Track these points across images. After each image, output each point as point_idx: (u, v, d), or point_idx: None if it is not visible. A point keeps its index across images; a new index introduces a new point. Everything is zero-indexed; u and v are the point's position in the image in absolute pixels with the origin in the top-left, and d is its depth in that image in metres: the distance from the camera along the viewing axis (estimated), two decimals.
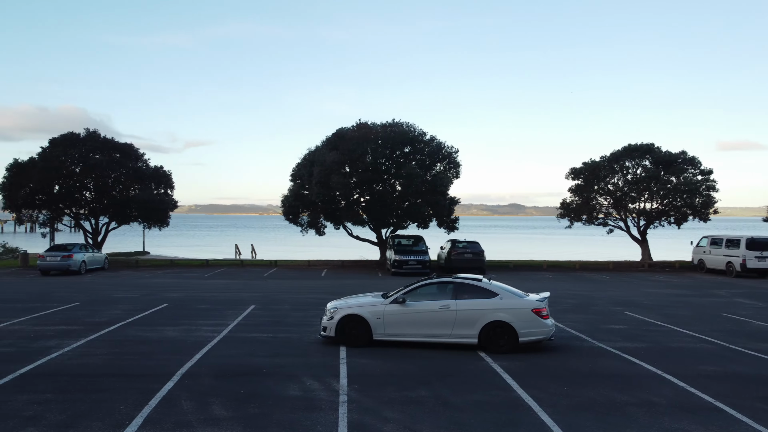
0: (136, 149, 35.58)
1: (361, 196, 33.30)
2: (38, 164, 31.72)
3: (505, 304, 11.68)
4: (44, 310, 16.40)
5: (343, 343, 11.99)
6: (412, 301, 12.03)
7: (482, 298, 11.80)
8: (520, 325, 11.48)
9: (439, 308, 11.82)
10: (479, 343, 11.59)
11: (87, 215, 34.89)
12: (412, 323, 11.90)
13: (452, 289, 12.10)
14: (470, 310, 11.69)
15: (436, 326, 11.80)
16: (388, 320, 11.95)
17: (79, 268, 28.25)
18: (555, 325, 12.24)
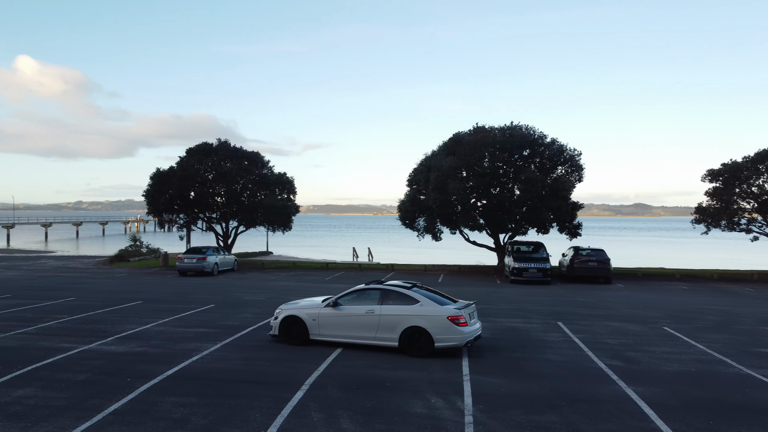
0: (261, 157, 37.60)
1: (478, 200, 32.86)
2: (177, 173, 34.49)
3: (423, 311, 12.26)
4: (184, 312, 17.68)
5: (285, 341, 13.23)
6: (344, 305, 13.02)
7: (404, 305, 12.47)
8: (435, 331, 12.05)
9: (365, 312, 12.67)
10: (399, 347, 12.29)
11: (218, 219, 37.36)
12: (342, 325, 12.85)
13: (379, 295, 12.84)
14: (392, 315, 12.43)
15: (362, 329, 12.66)
16: (322, 322, 13.02)
17: (212, 269, 30.33)
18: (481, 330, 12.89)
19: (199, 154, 35.95)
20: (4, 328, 14.71)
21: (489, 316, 17.51)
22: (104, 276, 30.02)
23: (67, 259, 44.13)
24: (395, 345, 12.37)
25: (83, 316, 16.72)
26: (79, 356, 11.82)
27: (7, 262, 39.69)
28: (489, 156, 30.90)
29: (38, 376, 10.32)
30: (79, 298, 20.64)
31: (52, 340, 13.33)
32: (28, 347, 12.60)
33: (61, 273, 31.55)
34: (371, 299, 12.93)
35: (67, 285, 25.20)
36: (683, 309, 20.09)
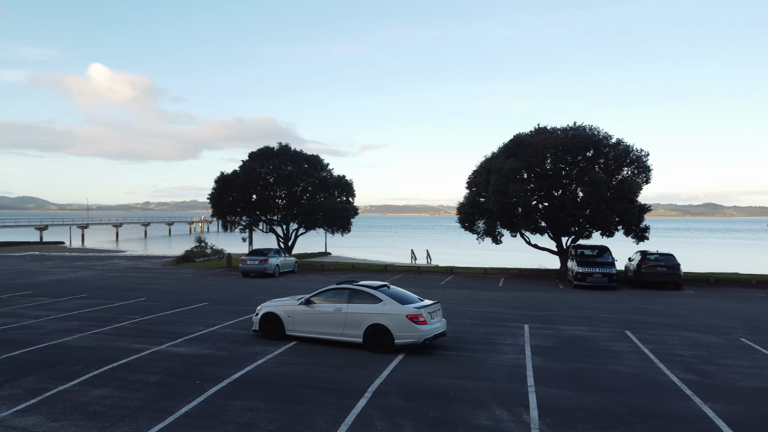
0: (321, 160, 38.13)
1: (539, 203, 32.20)
2: (240, 176, 35.44)
3: (385, 309, 12.99)
4: (248, 314, 18.06)
5: (264, 336, 14.33)
6: (316, 303, 13.94)
7: (369, 303, 13.26)
8: (395, 328, 12.78)
9: (333, 310, 13.56)
10: (363, 343, 13.09)
11: (279, 221, 38.13)
12: (314, 322, 13.77)
13: (348, 294, 13.66)
14: (357, 314, 13.25)
15: (331, 326, 13.54)
16: (296, 319, 13.98)
17: (274, 271, 30.96)
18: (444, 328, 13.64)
19: (261, 158, 36.82)
20: (82, 328, 15.46)
21: (552, 324, 17.11)
22: (172, 277, 31.11)
23: (136, 259, 46.04)
24: (360, 341, 13.18)
25: (154, 317, 17.36)
26: (151, 357, 12.27)
27: (83, 262, 41.75)
28: (551, 157, 30.21)
29: (114, 377, 10.78)
30: (149, 299, 21.46)
31: (126, 341, 13.90)
32: (104, 347, 13.18)
33: (132, 273, 32.91)
34: (340, 298, 13.75)
35: (137, 285, 26.25)
36: (762, 319, 19.03)
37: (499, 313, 19.08)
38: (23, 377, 10.73)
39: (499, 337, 15.01)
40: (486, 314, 18.89)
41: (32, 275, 30.89)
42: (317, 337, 13.75)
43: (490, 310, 19.81)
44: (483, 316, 18.38)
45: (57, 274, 31.89)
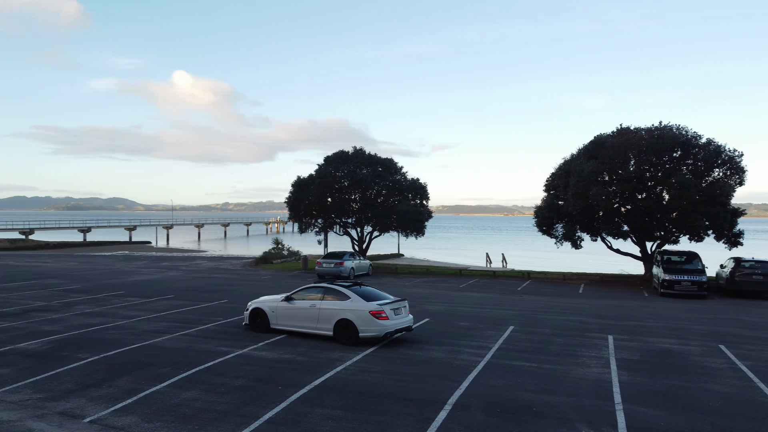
0: (395, 163, 38.27)
1: (621, 206, 30.92)
2: (315, 180, 36.13)
3: (352, 305, 14.44)
4: None
5: (253, 329, 16.04)
6: (295, 300, 15.51)
7: (338, 300, 14.79)
8: (359, 323, 14.18)
9: (309, 306, 15.11)
10: (333, 335, 14.58)
11: (353, 224, 38.56)
12: (293, 317, 15.38)
13: (322, 292, 15.27)
14: (328, 309, 14.77)
15: (307, 320, 15.11)
16: (279, 313, 15.65)
17: (349, 274, 31.33)
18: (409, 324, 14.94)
19: (336, 162, 37.41)
20: (171, 329, 16.17)
21: (638, 335, 16.35)
22: (251, 278, 32.07)
23: (218, 260, 47.84)
24: (330, 334, 14.70)
25: (236, 319, 17.91)
26: (236, 361, 12.65)
27: (169, 263, 43.80)
28: (635, 159, 28.94)
29: (201, 380, 11.18)
30: (230, 301, 22.19)
31: (211, 343, 14.41)
32: (191, 349, 13.72)
33: (214, 274, 34.17)
34: (315, 295, 15.35)
35: (219, 287, 27.22)
36: None
37: (581, 323, 18.44)
38: (119, 377, 11.33)
39: (581, 348, 14.49)
40: (566, 323, 18.30)
41: (123, 275, 32.68)
42: (296, 330, 15.36)
43: (571, 319, 19.18)
44: (563, 326, 17.81)
45: (146, 274, 33.60)
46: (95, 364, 12.31)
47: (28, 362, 12.47)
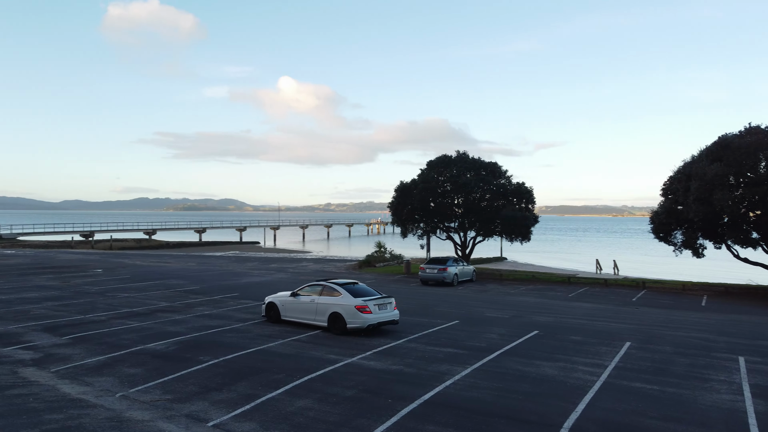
0: (499, 167, 37.52)
1: (750, 211, 28.41)
2: (418, 185, 36.19)
3: (341, 301, 16.77)
4: (431, 327, 18.27)
5: (268, 320, 18.75)
6: (300, 295, 18.00)
7: (332, 296, 17.10)
8: (347, 315, 16.49)
9: (309, 301, 17.62)
10: (327, 326, 16.97)
11: (456, 229, 38.22)
12: (297, 310, 17.96)
13: (320, 288, 17.64)
14: (323, 304, 17.15)
15: (307, 313, 17.63)
16: (286, 307, 18.27)
17: (453, 280, 31.08)
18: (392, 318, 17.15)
19: (439, 166, 37.30)
20: (282, 334, 16.75)
21: None
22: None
23: (323, 262, 49.20)
24: (325, 325, 17.14)
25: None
26: (345, 370, 12.85)
27: (277, 264, 45.61)
28: (766, 161, 26.49)
29: (313, 388, 11.45)
30: None
31: (321, 350, 14.75)
32: (302, 356, 14.12)
33: (320, 277, 35.13)
34: (315, 291, 17.77)
35: None
36: None
37: (706, 341, 17.10)
38: (238, 381, 11.85)
39: (708, 371, 13.40)
40: (689, 341, 17.03)
41: (236, 277, 34.38)
42: (299, 321, 17.93)
43: (694, 336, 17.83)
44: (686, 343, 16.58)
45: (257, 276, 35.16)
46: (216, 367, 12.97)
47: (156, 363, 13.37)
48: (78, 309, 20.99)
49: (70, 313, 20.17)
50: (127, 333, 16.73)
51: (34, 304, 22.14)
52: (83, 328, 17.45)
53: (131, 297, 24.40)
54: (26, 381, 11.84)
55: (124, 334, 16.62)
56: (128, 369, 12.79)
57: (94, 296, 24.54)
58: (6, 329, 17.16)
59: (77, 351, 14.47)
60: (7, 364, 13.21)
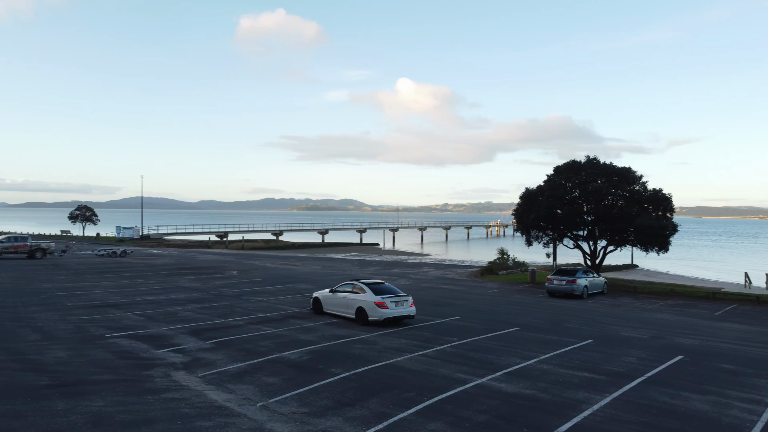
0: (633, 172, 35.29)
1: None
2: (545, 192, 34.94)
3: (364, 297, 20.11)
4: (562, 347, 17.45)
5: (314, 312, 22.35)
6: (337, 292, 21.43)
7: (358, 293, 20.49)
8: (368, 310, 19.86)
9: (342, 297, 21.03)
10: (355, 318, 20.35)
11: (585, 237, 36.45)
12: (334, 304, 21.43)
13: (351, 287, 20.96)
14: (352, 299, 20.55)
15: (341, 307, 21.04)
16: (326, 301, 21.81)
17: (582, 292, 29.65)
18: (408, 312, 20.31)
19: (567, 172, 35.79)
20: (410, 348, 16.78)
21: None
22: (478, 291, 32.15)
23: (443, 268, 49.04)
24: (353, 317, 20.55)
25: (470, 341, 17.96)
26: (475, 392, 12.58)
27: (398, 269, 46.11)
28: None
29: (444, 410, 11.29)
30: (462, 318, 22.40)
31: (449, 368, 14.57)
32: (430, 373, 14.02)
33: (442, 285, 35.00)
34: (347, 289, 21.24)
35: (449, 300, 27.72)
36: None
37: None
38: (369, 397, 11.98)
39: None
40: None
41: None
42: (336, 314, 21.47)
43: None
44: None
45: None
46: (347, 381, 13.23)
47: (292, 372, 13.89)
48: (218, 312, 22.44)
49: (211, 316, 21.61)
50: (263, 340, 17.59)
51: (180, 306, 23.99)
52: (224, 332, 18.60)
53: (264, 301, 25.70)
54: (178, 385, 12.77)
55: (260, 340, 17.49)
56: (267, 378, 13.40)
57: (231, 299, 26.15)
58: (159, 331, 18.72)
59: (220, 356, 15.42)
60: (161, 366, 14.36)
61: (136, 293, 27.59)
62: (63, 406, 10.78)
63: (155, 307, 23.34)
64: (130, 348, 16.22)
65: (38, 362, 14.28)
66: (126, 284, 31.13)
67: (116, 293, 27.35)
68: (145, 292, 27.95)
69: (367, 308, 19.95)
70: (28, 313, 21.42)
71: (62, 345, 16.25)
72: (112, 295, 26.83)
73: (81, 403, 11.01)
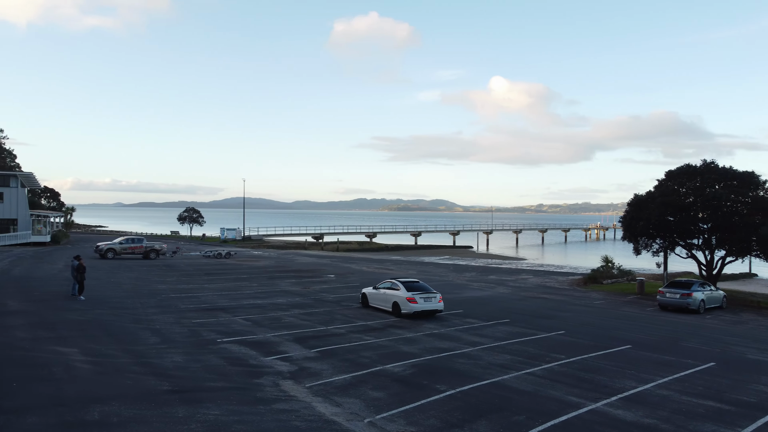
0: (756, 177, 32.42)
1: None
2: (656, 198, 32.88)
3: (398, 293, 23.81)
4: (681, 369, 16.22)
5: (362, 306, 26.08)
6: (379, 289, 25.25)
7: (394, 290, 24.21)
8: (401, 303, 23.50)
9: (382, 293, 24.80)
10: (391, 311, 23.96)
11: (700, 246, 33.97)
12: (376, 299, 25.16)
13: (390, 285, 24.81)
14: (389, 295, 24.26)
15: (382, 301, 24.72)
16: (371, 297, 25.58)
17: (698, 307, 27.58)
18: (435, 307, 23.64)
19: (680, 177, 33.46)
20: (515, 365, 16.23)
21: None
22: (582, 302, 30.76)
23: (543, 275, 47.48)
24: (390, 310, 23.93)
25: (579, 359, 17.12)
26: (590, 418, 11.90)
27: (496, 276, 45.15)
28: None
29: None
30: (567, 332, 21.45)
31: (560, 389, 13.91)
32: (540, 395, 13.43)
33: (543, 294, 33.80)
34: (386, 286, 24.83)
35: (551, 312, 26.68)
36: None
37: None
38: (477, 419, 11.63)
39: None
40: None
41: (457, 289, 34.69)
42: (378, 307, 24.98)
43: None
44: None
45: (477, 290, 35.08)
46: (453, 399, 12.95)
47: (396, 387, 13.79)
48: (320, 319, 22.85)
49: (313, 323, 22.04)
50: (366, 350, 17.66)
51: (283, 311, 24.67)
52: (327, 341, 18.87)
53: (364, 308, 25.90)
54: (287, 395, 13.02)
55: (362, 350, 17.57)
56: (372, 392, 13.38)
57: (331, 305, 26.59)
58: (265, 337, 19.30)
59: (325, 366, 15.61)
60: (270, 374, 14.73)
61: (242, 296, 28.70)
62: (183, 413, 11.26)
63: (260, 312, 24.14)
64: (240, 354, 16.80)
65: (158, 366, 15.09)
66: (231, 287, 32.50)
67: (223, 296, 28.58)
68: (250, 296, 29.02)
69: (400, 303, 23.49)
70: (147, 315, 22.80)
71: (178, 349, 17.10)
72: (220, 298, 28.06)
73: (199, 410, 11.46)
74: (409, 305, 23.04)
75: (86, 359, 15.40)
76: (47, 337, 17.87)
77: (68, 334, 18.50)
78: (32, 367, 14.30)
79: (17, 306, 23.69)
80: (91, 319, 21.48)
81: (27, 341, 17.22)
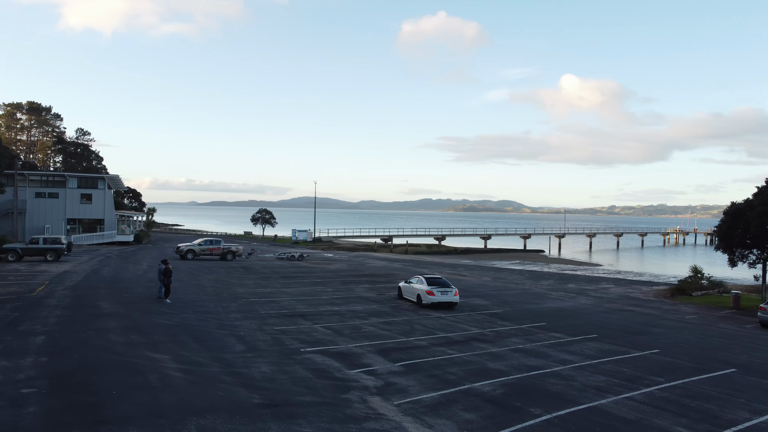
0: None
1: None
2: (756, 207, 30.73)
3: (420, 287, 28.32)
4: None
5: (398, 297, 31.14)
6: (410, 283, 29.94)
7: (418, 284, 28.81)
8: (422, 295, 27.93)
9: (411, 287, 29.43)
10: (416, 302, 28.56)
11: None
12: (407, 292, 30.03)
13: (417, 280, 29.38)
14: (415, 288, 28.90)
15: (411, 294, 29.43)
16: (404, 290, 30.48)
17: None
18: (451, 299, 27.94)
19: None
20: (611, 388, 15.29)
21: None
22: (673, 317, 29.03)
23: (626, 284, 45.38)
24: (415, 301, 28.72)
25: (680, 383, 16.00)
26: None
27: (575, 285, 43.50)
28: None
29: None
30: (662, 351, 20.20)
31: (665, 418, 12.96)
32: (644, 424, 12.53)
33: (628, 306, 32.18)
34: (413, 281, 29.58)
35: (642, 327, 25.27)
36: None
37: None
38: None
39: None
40: None
41: (536, 299, 33.58)
42: (408, 298, 29.84)
43: None
44: None
45: (557, 299, 33.85)
46: (551, 425, 12.29)
47: (489, 409, 13.23)
48: (399, 329, 22.54)
49: (393, 333, 21.76)
50: (451, 365, 17.18)
51: (362, 319, 24.55)
52: (410, 354, 18.52)
53: (442, 318, 25.42)
54: (376, 413, 12.73)
55: (448, 366, 17.10)
56: (463, 413, 12.91)
57: (409, 314, 26.26)
58: (347, 348, 19.16)
59: (411, 383, 15.25)
60: (357, 389, 14.51)
61: (319, 302, 28.84)
62: (276, 429, 11.17)
63: (339, 320, 24.10)
64: (325, 366, 16.70)
65: (247, 377, 15.18)
66: (308, 291, 32.77)
67: (302, 302, 28.82)
68: (327, 302, 29.13)
69: (421, 295, 27.96)
70: (230, 320, 23.22)
71: (265, 359, 17.20)
72: (299, 303, 28.30)
73: (291, 427, 11.33)
74: (428, 297, 27.50)
75: (178, 366, 15.69)
76: (140, 342, 18.39)
77: (159, 339, 18.99)
78: (129, 373, 14.66)
79: (110, 308, 24.66)
80: (179, 323, 22.05)
81: (121, 345, 17.77)
